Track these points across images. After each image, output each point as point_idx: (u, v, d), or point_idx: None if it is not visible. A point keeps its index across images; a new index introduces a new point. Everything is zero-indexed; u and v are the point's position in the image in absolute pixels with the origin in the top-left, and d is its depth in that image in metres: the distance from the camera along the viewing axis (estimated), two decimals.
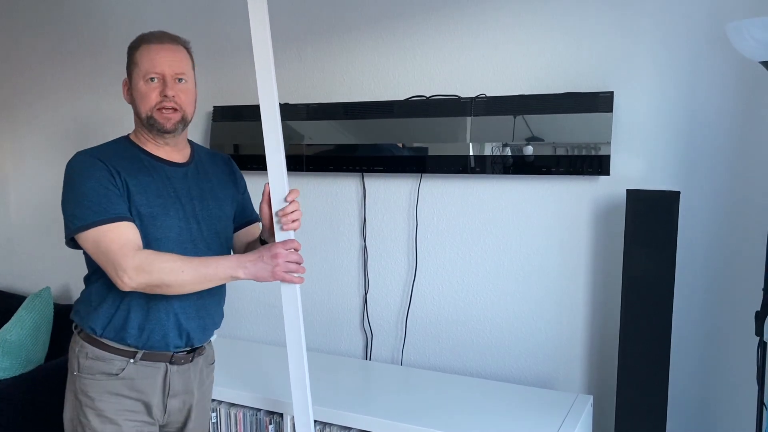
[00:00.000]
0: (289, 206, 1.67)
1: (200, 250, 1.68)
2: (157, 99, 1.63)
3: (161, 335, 1.65)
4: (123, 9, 2.89)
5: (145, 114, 1.64)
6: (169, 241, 1.63)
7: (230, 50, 2.70)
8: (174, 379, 1.70)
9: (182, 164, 1.73)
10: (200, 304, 1.70)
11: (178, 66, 1.65)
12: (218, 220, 1.76)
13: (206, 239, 1.71)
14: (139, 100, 1.65)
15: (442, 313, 2.41)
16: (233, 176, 1.88)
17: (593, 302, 2.18)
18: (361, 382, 2.32)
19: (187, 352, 1.72)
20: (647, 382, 1.87)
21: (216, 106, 2.68)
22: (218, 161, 1.87)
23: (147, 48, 1.65)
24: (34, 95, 3.22)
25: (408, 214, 2.43)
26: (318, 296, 2.61)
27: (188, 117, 1.69)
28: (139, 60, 1.65)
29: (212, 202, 1.75)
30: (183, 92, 1.66)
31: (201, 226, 1.70)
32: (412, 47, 2.37)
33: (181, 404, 1.73)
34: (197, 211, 1.70)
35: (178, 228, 1.65)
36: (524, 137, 2.14)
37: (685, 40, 1.99)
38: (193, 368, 1.75)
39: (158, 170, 1.67)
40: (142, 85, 1.64)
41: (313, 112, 2.47)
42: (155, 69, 1.63)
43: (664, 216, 1.83)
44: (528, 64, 2.20)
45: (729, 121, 1.97)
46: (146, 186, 1.63)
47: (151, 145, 1.70)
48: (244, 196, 1.92)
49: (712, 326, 2.04)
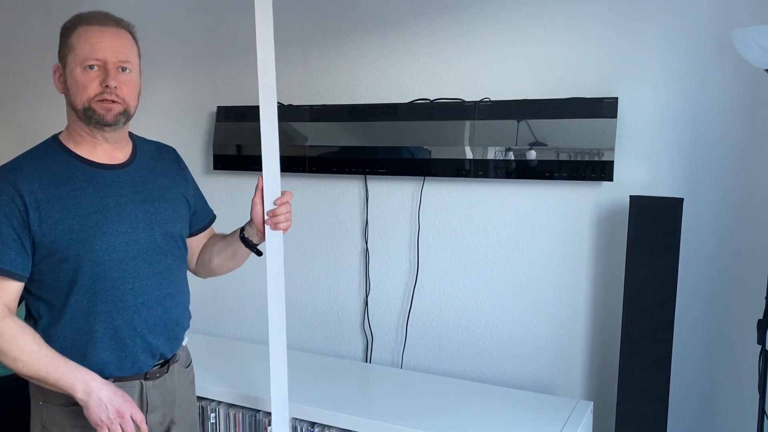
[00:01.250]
0: (279, 208, 1.61)
1: (155, 260, 1.54)
2: (97, 89, 1.44)
3: (131, 362, 1.51)
4: (126, 9, 2.89)
5: (83, 105, 1.45)
6: (113, 262, 1.47)
7: (234, 51, 2.70)
8: (151, 394, 1.56)
9: (123, 165, 1.55)
10: (167, 318, 1.57)
11: (122, 53, 1.46)
12: (172, 222, 1.59)
13: (160, 246, 1.55)
14: (75, 89, 1.45)
15: (443, 316, 2.40)
16: (182, 171, 1.70)
17: (595, 308, 2.17)
18: (361, 384, 2.32)
19: (161, 366, 1.59)
20: (648, 388, 1.87)
21: (219, 107, 2.68)
22: (164, 155, 1.68)
23: (86, 30, 1.46)
24: (35, 98, 3.23)
25: (410, 217, 2.43)
26: (319, 298, 2.61)
27: (131, 110, 1.51)
28: (76, 43, 1.45)
29: (163, 202, 1.58)
30: (126, 83, 1.47)
31: (154, 231, 1.54)
32: (417, 50, 2.37)
33: (162, 417, 1.59)
34: (149, 216, 1.54)
35: (123, 243, 1.48)
36: (527, 142, 2.14)
37: (690, 47, 1.99)
38: (169, 378, 1.61)
39: (94, 178, 1.49)
40: (79, 72, 1.44)
41: (317, 113, 2.47)
42: (95, 55, 1.43)
43: (667, 222, 1.83)
44: (532, 69, 2.20)
45: (733, 129, 1.96)
46: (75, 205, 1.45)
47: (86, 146, 1.51)
48: (196, 194, 1.74)
49: (713, 334, 2.03)
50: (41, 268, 1.45)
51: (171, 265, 1.60)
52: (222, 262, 1.75)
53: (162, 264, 1.56)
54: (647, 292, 1.86)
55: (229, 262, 1.75)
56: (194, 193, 1.74)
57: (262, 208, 1.63)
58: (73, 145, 1.51)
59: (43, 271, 1.46)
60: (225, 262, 1.75)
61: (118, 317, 1.49)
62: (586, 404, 2.07)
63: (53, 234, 1.43)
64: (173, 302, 1.59)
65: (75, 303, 1.46)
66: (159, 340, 1.56)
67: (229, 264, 1.76)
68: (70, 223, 1.43)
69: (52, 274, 1.46)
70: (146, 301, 1.53)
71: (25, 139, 3.34)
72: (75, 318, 1.47)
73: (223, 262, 1.75)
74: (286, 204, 1.62)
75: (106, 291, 1.47)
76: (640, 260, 1.86)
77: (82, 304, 1.47)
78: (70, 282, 1.45)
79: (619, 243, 2.08)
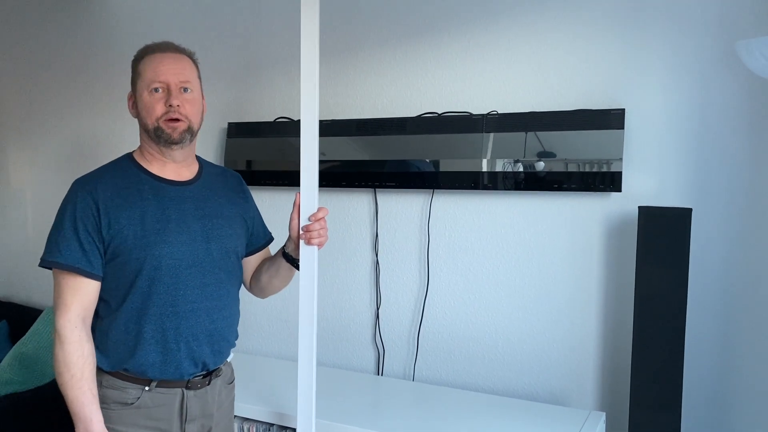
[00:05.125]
0: (313, 224, 1.66)
1: (208, 272, 1.63)
2: (162, 109, 1.57)
3: (174, 366, 1.59)
4: (139, 28, 2.95)
5: (153, 126, 1.58)
6: (169, 269, 1.57)
7: (245, 67, 2.74)
8: (191, 403, 1.63)
9: (188, 182, 1.66)
10: (212, 329, 1.64)
11: (182, 74, 1.59)
12: (228, 239, 1.69)
13: (215, 259, 1.64)
14: (144, 112, 1.59)
15: (454, 328, 2.41)
16: (243, 194, 1.81)
17: (605, 319, 2.17)
18: (372, 397, 2.32)
19: (203, 376, 1.66)
20: (660, 398, 1.86)
21: (231, 123, 2.72)
22: (228, 178, 1.80)
23: (150, 58, 1.59)
24: (52, 111, 3.28)
25: (420, 230, 2.44)
26: (330, 311, 2.62)
27: (195, 128, 1.63)
28: (143, 70, 1.59)
29: (221, 220, 1.68)
30: (188, 102, 1.60)
31: (210, 246, 1.63)
32: (425, 65, 2.39)
33: (200, 428, 1.66)
34: (207, 230, 1.63)
35: (180, 252, 1.58)
36: (536, 153, 2.15)
37: (696, 58, 2.00)
38: (210, 391, 1.68)
39: (160, 192, 1.60)
40: (146, 96, 1.58)
41: (326, 128, 2.49)
42: (159, 78, 1.57)
43: (676, 233, 1.83)
44: (539, 81, 2.21)
45: (740, 138, 1.97)
46: (141, 214, 1.56)
47: (156, 163, 1.63)
48: (255, 217, 1.85)
49: (725, 344, 2.03)
50: (106, 269, 1.57)
51: (223, 279, 1.67)
52: (269, 279, 1.82)
53: (215, 276, 1.64)
54: (658, 302, 1.86)
55: (274, 279, 1.81)
56: (253, 215, 1.83)
57: (299, 223, 1.69)
58: (145, 163, 1.64)
59: (107, 272, 1.57)
60: (271, 279, 1.82)
61: (167, 321, 1.58)
62: (599, 415, 2.07)
63: (119, 238, 1.54)
64: (221, 315, 1.66)
65: (130, 304, 1.57)
66: (203, 350, 1.63)
67: (275, 281, 1.82)
68: (135, 229, 1.55)
69: (113, 275, 1.57)
70: (195, 309, 1.61)
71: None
72: (128, 319, 1.57)
73: (269, 279, 1.81)
74: (320, 220, 1.67)
75: (160, 295, 1.57)
76: (649, 270, 1.87)
77: (135, 306, 1.57)
78: (129, 284, 1.56)
79: (629, 253, 2.09)
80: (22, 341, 2.81)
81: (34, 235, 3.40)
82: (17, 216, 3.46)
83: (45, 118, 3.32)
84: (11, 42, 3.41)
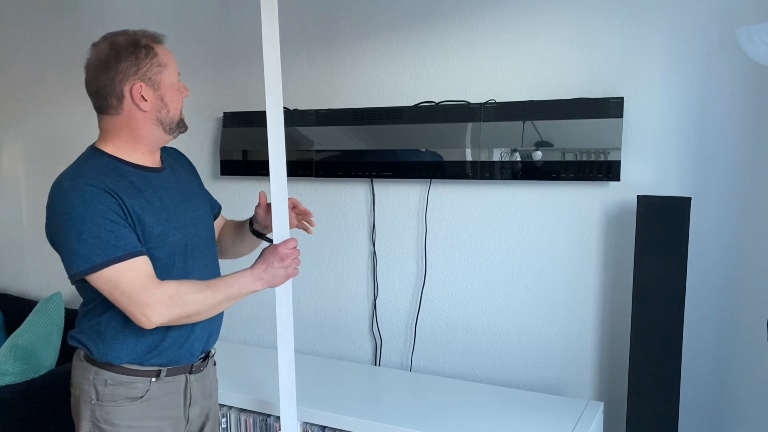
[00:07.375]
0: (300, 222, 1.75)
1: (207, 252, 1.65)
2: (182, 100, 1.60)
3: (188, 349, 1.61)
4: (132, 17, 2.91)
5: (179, 117, 1.58)
6: (181, 255, 1.57)
7: (240, 57, 2.71)
8: (194, 387, 1.66)
9: (161, 168, 1.62)
10: None
11: None
12: (207, 217, 1.69)
13: (204, 240, 1.66)
14: (171, 104, 1.55)
15: (451, 318, 2.40)
16: (193, 168, 1.79)
17: (603, 308, 2.17)
18: (370, 387, 2.32)
19: (202, 359, 1.70)
20: (658, 388, 1.86)
21: (226, 112, 2.70)
22: (178, 157, 1.76)
23: (163, 49, 1.57)
24: (46, 101, 3.25)
25: (417, 220, 2.43)
26: (327, 301, 2.61)
27: None
28: (167, 61, 1.55)
29: (196, 199, 1.67)
30: None
31: (199, 226, 1.64)
32: (421, 53, 2.37)
33: (200, 411, 1.70)
34: (194, 211, 1.63)
35: (186, 237, 1.58)
36: (533, 143, 2.14)
37: (696, 45, 1.99)
38: (206, 373, 1.73)
39: (149, 181, 1.55)
40: (174, 87, 1.56)
41: (323, 117, 2.47)
42: (177, 70, 1.58)
43: (675, 222, 1.83)
44: (537, 70, 2.20)
45: (740, 126, 1.96)
46: (147, 204, 1.52)
47: (138, 154, 1.56)
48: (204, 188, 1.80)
49: (723, 333, 2.03)
50: None
51: (213, 257, 1.72)
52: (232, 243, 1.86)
53: (208, 256, 1.68)
54: (656, 292, 1.85)
55: (238, 244, 1.86)
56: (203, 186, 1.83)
57: (264, 213, 1.74)
58: (122, 154, 1.55)
59: None
60: (235, 243, 1.86)
61: None
62: (597, 405, 2.07)
63: (139, 227, 1.49)
64: None
65: None
66: (205, 330, 1.65)
67: (239, 246, 1.87)
68: (150, 218, 1.51)
69: None
70: None
71: None
72: None
73: (232, 243, 1.86)
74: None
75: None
76: (648, 260, 1.86)
77: None
78: None
79: (627, 243, 2.08)
80: (16, 333, 2.80)
81: (29, 226, 3.38)
82: (11, 207, 3.44)
83: (37, 109, 3.28)
84: (2, 35, 3.37)
